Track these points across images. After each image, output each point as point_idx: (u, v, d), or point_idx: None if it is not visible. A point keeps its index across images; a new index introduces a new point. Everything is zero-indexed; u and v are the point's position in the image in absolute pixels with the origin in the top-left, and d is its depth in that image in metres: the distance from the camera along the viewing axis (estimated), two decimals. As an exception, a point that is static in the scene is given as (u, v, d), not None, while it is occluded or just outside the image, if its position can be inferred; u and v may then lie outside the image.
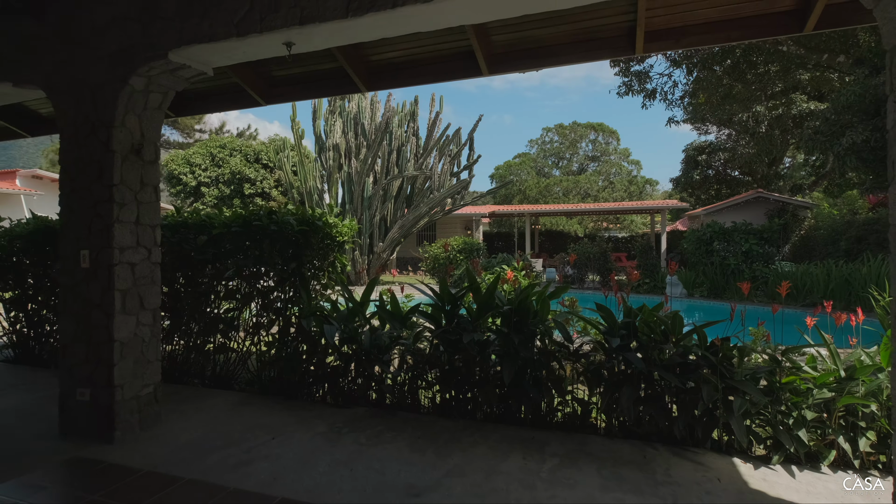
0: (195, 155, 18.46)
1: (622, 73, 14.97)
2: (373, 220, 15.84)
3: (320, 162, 17.12)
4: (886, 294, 5.50)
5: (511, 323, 3.77)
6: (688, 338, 3.45)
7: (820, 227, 16.62)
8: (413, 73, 4.05)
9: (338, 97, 16.71)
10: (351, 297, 4.46)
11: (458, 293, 3.96)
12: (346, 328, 4.28)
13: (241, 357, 4.99)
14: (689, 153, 28.00)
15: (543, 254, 26.69)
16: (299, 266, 4.66)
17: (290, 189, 16.07)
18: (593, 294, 14.55)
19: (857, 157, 9.61)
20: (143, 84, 3.44)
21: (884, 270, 9.91)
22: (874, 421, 3.09)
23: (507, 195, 38.16)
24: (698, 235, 13.19)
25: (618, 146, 42.16)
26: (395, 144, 16.43)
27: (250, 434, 3.56)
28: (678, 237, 24.36)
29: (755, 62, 14.79)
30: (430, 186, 16.19)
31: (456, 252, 16.65)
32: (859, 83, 9.28)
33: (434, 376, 4.06)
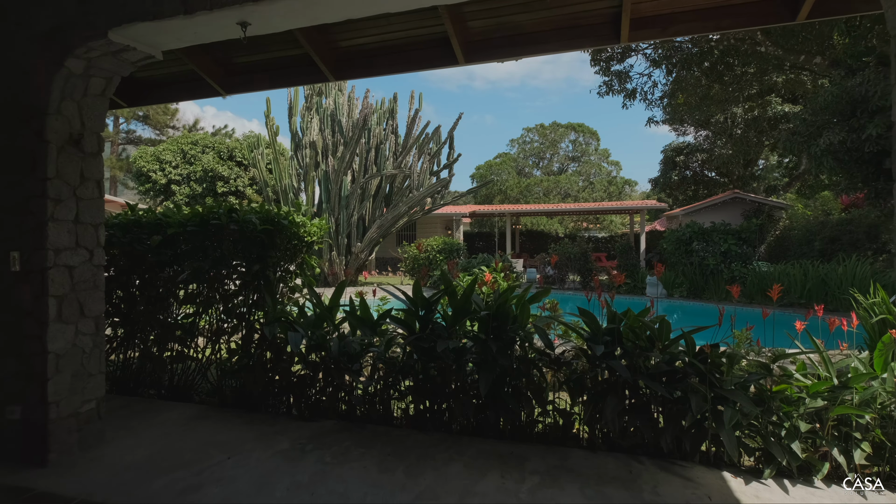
0: (165, 152, 17.80)
1: (602, 72, 14.92)
2: (350, 220, 15.48)
3: (296, 160, 16.67)
4: (870, 296, 5.44)
5: (489, 329, 3.54)
6: (675, 344, 3.26)
7: (795, 227, 16.85)
8: (385, 62, 3.78)
9: (315, 93, 16.31)
10: (319, 301, 4.17)
11: (432, 297, 3.71)
12: (313, 335, 3.99)
13: (202, 366, 4.65)
14: (668, 154, 28.27)
15: (524, 254, 26.64)
16: (263, 268, 4.35)
17: (264, 187, 15.60)
18: (574, 295, 14.45)
19: (834, 157, 9.67)
20: (82, 67, 3.10)
21: (859, 271, 10.00)
22: (868, 431, 2.94)
23: (488, 195, 38.06)
24: (678, 235, 13.19)
25: (598, 147, 42.45)
26: (373, 142, 16.08)
27: (204, 453, 3.25)
28: (656, 237, 24.54)
29: (732, 64, 14.89)
30: (410, 185, 15.90)
31: (435, 252, 16.39)
32: (836, 84, 9.34)
33: (407, 386, 3.81)
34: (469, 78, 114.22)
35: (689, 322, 10.90)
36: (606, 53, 14.58)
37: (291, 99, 16.53)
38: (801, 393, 3.01)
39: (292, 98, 16.50)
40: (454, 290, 3.66)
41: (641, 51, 14.61)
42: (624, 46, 14.35)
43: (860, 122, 9.23)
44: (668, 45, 14.35)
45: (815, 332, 5.01)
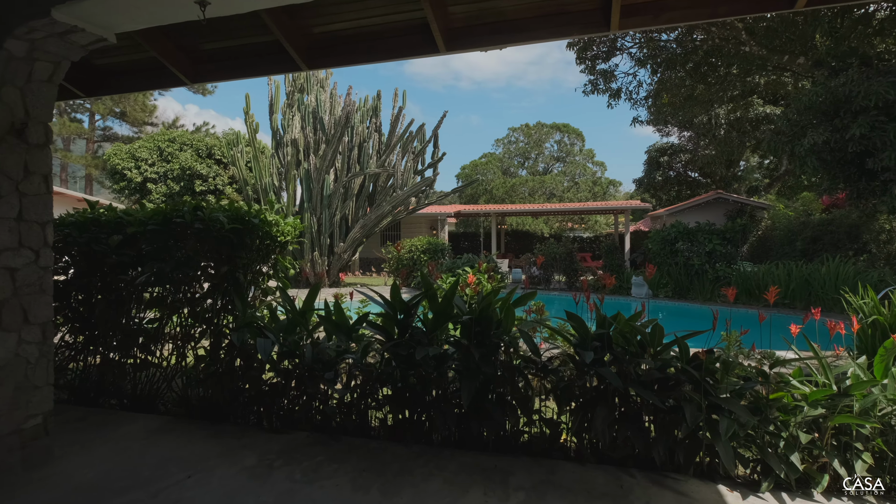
0: (141, 149, 17.26)
1: (588, 70, 14.85)
2: (333, 220, 15.18)
3: (277, 158, 16.31)
4: (858, 296, 5.37)
5: (472, 334, 3.34)
6: (667, 350, 3.10)
7: (777, 227, 16.99)
8: (361, 50, 3.55)
9: (296, 90, 15.96)
10: (292, 305, 3.92)
11: (411, 301, 3.49)
12: (285, 341, 3.75)
13: (167, 374, 4.37)
14: (652, 154, 28.42)
15: (509, 254, 26.53)
16: (233, 270, 4.09)
17: (244, 186, 15.21)
18: (560, 295, 14.34)
19: (818, 157, 9.68)
20: (25, 50, 2.82)
21: (842, 271, 10.04)
22: (869, 441, 2.80)
23: (474, 195, 37.93)
24: (663, 235, 13.15)
25: (582, 147, 42.60)
26: (356, 140, 15.80)
27: (163, 471, 2.99)
28: (641, 237, 24.63)
29: (716, 64, 14.93)
30: (394, 184, 15.64)
31: (420, 253, 16.15)
32: (820, 84, 9.35)
33: (385, 395, 3.59)
34: (455, 78, 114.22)
35: (675, 323, 10.87)
36: (592, 52, 14.51)
37: (272, 96, 16.16)
38: (800, 401, 2.87)
39: (273, 95, 16.13)
40: (435, 293, 3.45)
41: (626, 49, 14.56)
42: (609, 45, 14.29)
43: (844, 122, 9.24)
44: (653, 45, 14.33)
45: (803, 333, 4.89)
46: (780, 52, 11.82)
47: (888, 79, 8.69)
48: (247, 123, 14.63)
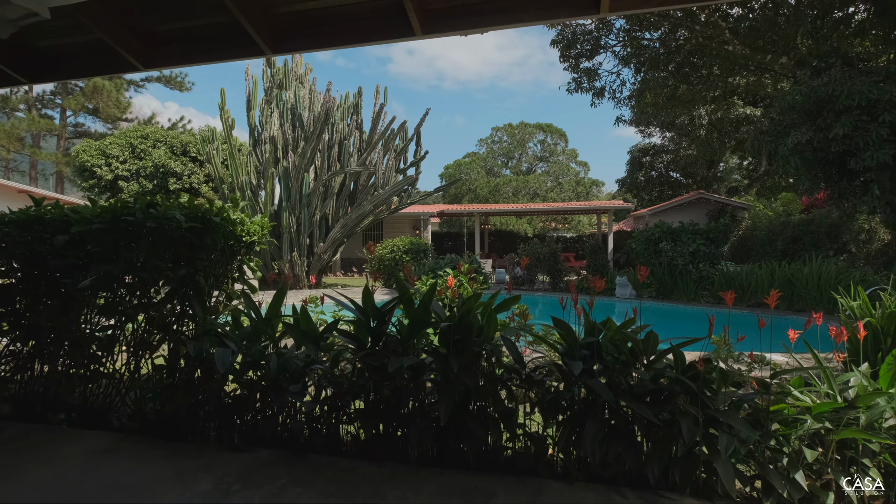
0: (112, 146, 16.61)
1: (571, 68, 14.72)
2: (313, 219, 14.79)
3: (255, 156, 15.86)
4: (849, 298, 5.26)
5: (451, 342, 3.07)
6: (661, 359, 2.88)
7: (757, 227, 17.10)
8: (331, 33, 3.26)
9: (275, 86, 15.53)
10: (256, 311, 3.62)
11: (385, 307, 3.22)
12: (249, 350, 3.44)
13: (122, 386, 4.02)
14: (634, 154, 28.55)
15: (493, 254, 26.38)
16: (192, 273, 3.77)
17: (220, 185, 14.73)
18: (544, 296, 14.18)
19: (800, 157, 9.66)
20: (-60, 23, 2.47)
21: (824, 270, 10.03)
22: (876, 456, 2.62)
23: (458, 195, 37.74)
24: (646, 235, 13.08)
25: (566, 147, 42.70)
26: (336, 138, 15.43)
27: (105, 498, 2.66)
28: (623, 237, 24.69)
29: (698, 65, 14.94)
30: (375, 183, 15.32)
31: (402, 253, 15.84)
32: (804, 83, 9.33)
33: (357, 408, 3.30)
34: (439, 78, 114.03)
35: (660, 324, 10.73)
36: (576, 50, 14.38)
37: (250, 91, 15.70)
38: (804, 415, 2.66)
39: (251, 90, 15.68)
40: (410, 297, 3.18)
41: (610, 48, 14.47)
42: (593, 43, 14.17)
43: (827, 121, 9.23)
44: (637, 44, 14.25)
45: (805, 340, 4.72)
46: (763, 52, 11.83)
47: (870, 78, 8.69)
48: (222, 119, 14.15)
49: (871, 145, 8.73)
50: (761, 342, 4.70)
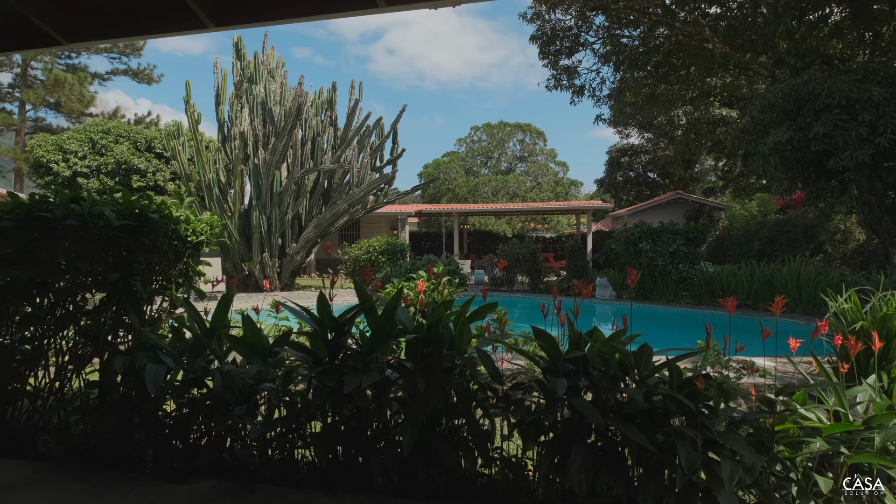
0: (70, 140, 15.72)
1: (551, 65, 14.51)
2: (284, 218, 14.24)
3: (224, 152, 15.22)
4: (840, 298, 5.07)
5: (418, 356, 2.71)
6: (655, 374, 2.56)
7: (734, 227, 17.18)
8: (282, 4, 2.86)
9: (245, 79, 14.92)
10: (200, 321, 3.20)
11: (344, 316, 2.84)
12: (191, 366, 3.02)
13: (47, 407, 3.54)
14: (613, 155, 28.62)
15: (472, 254, 26.10)
16: (126, 277, 3.32)
17: (185, 182, 14.06)
18: (523, 297, 13.92)
19: (780, 156, 9.59)
20: None
21: (803, 271, 9.99)
22: (891, 482, 2.35)
23: (436, 194, 37.38)
24: (626, 235, 12.93)
25: (544, 147, 42.74)
26: (309, 134, 14.90)
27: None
28: (602, 238, 24.69)
29: (677, 65, 14.88)
30: (350, 181, 14.84)
31: (378, 253, 15.40)
32: (785, 81, 9.25)
33: (313, 431, 2.91)
34: (419, 78, 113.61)
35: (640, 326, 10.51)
36: (555, 47, 14.16)
37: (219, 85, 15.05)
38: (812, 436, 2.38)
39: (220, 84, 15.03)
40: (372, 305, 2.80)
41: (590, 45, 14.30)
42: (573, 41, 13.96)
43: (807, 120, 9.16)
44: (616, 41, 14.11)
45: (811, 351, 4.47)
46: (743, 50, 11.79)
47: (850, 77, 8.64)
48: (188, 113, 13.49)
49: (851, 144, 8.68)
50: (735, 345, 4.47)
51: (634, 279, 2.77)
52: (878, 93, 8.24)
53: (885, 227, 9.57)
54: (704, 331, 4.63)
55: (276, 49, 15.70)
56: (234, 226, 14.29)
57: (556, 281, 14.91)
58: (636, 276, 2.78)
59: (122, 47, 27.89)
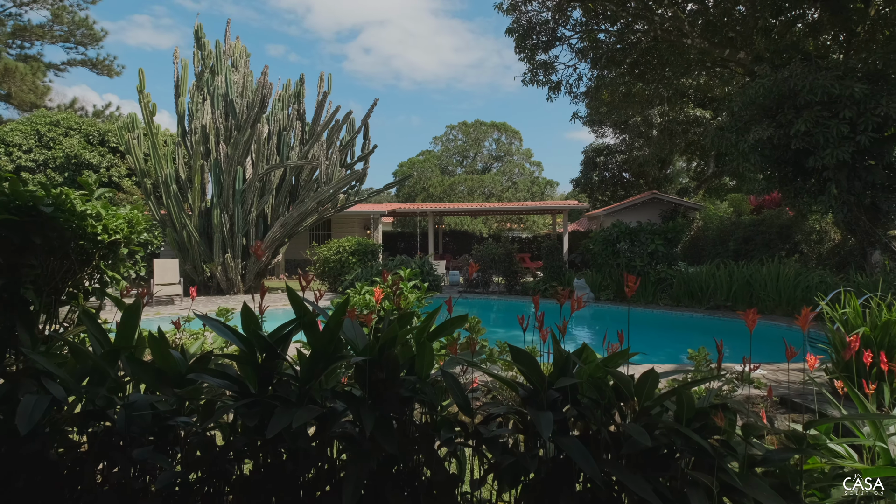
0: (13, 133, 14.56)
1: (527, 60, 14.12)
2: (248, 217, 13.48)
3: (184, 146, 14.36)
4: (822, 302, 4.74)
5: (369, 383, 2.19)
6: (660, 403, 2.10)
7: (709, 228, 17.14)
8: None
9: (207, 70, 14.08)
10: (103, 338, 2.60)
11: (278, 333, 2.29)
12: (92, 395, 2.42)
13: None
14: (589, 154, 28.55)
15: (448, 255, 25.62)
16: (13, 284, 2.70)
17: (142, 178, 13.17)
18: (499, 299, 13.49)
19: (761, 154, 9.41)
20: None
21: (782, 272, 9.81)
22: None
23: (411, 193, 36.80)
24: (604, 235, 12.62)
25: (520, 147, 42.58)
26: (275, 128, 14.16)
27: None
28: (578, 238, 24.52)
29: (654, 63, 14.70)
30: (319, 178, 14.16)
31: (348, 254, 14.74)
32: (766, 76, 9.04)
33: (239, 477, 2.36)
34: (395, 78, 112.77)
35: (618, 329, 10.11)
36: (531, 41, 13.78)
37: (178, 76, 14.18)
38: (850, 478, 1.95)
39: (179, 75, 14.16)
40: (313, 320, 2.27)
41: (567, 40, 13.96)
42: (549, 35, 13.60)
43: (787, 117, 8.97)
44: (593, 37, 13.82)
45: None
46: (722, 47, 11.61)
47: (831, 73, 8.48)
48: (141, 104, 12.60)
49: (832, 142, 8.52)
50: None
51: (633, 287, 2.30)
52: (860, 89, 8.09)
53: (862, 227, 9.47)
54: (686, 334, 4.25)
55: (240, 39, 14.91)
56: (194, 225, 13.46)
57: (532, 283, 14.53)
58: (634, 282, 2.31)
59: (80, 36, 26.42)
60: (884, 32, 9.99)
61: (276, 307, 11.48)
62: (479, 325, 4.56)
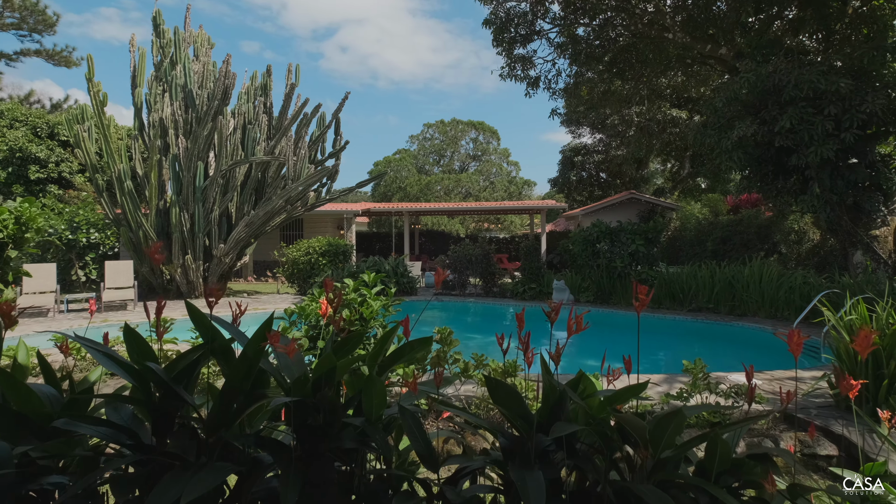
0: (-50, 124, 13.43)
1: (505, 54, 13.70)
2: (210, 216, 12.68)
3: (142, 140, 13.47)
4: (833, 309, 4.38)
5: (304, 428, 1.65)
6: (681, 454, 1.62)
7: (686, 228, 17.01)
8: None
9: (165, 59, 13.22)
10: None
11: (181, 363, 1.73)
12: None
13: None
14: (566, 154, 28.37)
15: (424, 255, 25.06)
16: None
17: (93, 174, 12.25)
18: (476, 302, 13.01)
19: (744, 151, 9.17)
20: None
21: (766, 272, 9.59)
22: None
23: (387, 193, 36.11)
24: (584, 235, 12.26)
25: (498, 146, 42.29)
26: (239, 122, 13.39)
27: None
28: (556, 238, 24.27)
29: (633, 61, 14.45)
30: (286, 175, 13.45)
31: (318, 255, 14.06)
32: (751, 71, 8.79)
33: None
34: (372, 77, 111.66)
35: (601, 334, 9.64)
36: (509, 34, 13.35)
37: (136, 65, 13.28)
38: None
39: (137, 64, 13.26)
40: (227, 345, 1.72)
41: (546, 33, 13.58)
42: (528, 28, 13.20)
43: (772, 113, 8.73)
44: (571, 33, 13.47)
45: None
46: (703, 42, 11.39)
47: (817, 68, 8.26)
48: (91, 93, 11.69)
49: (816, 140, 8.30)
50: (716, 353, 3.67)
51: (644, 299, 1.81)
52: (846, 85, 7.88)
53: (844, 227, 9.31)
54: (669, 339, 3.84)
55: (203, 28, 14.08)
56: (151, 224, 12.60)
57: (510, 284, 14.10)
58: (646, 293, 1.82)
59: (33, 23, 24.95)
60: (861, 31, 9.87)
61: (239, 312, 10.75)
62: (450, 337, 4.05)
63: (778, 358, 7.79)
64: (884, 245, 9.31)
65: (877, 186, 8.86)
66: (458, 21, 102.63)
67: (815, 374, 5.46)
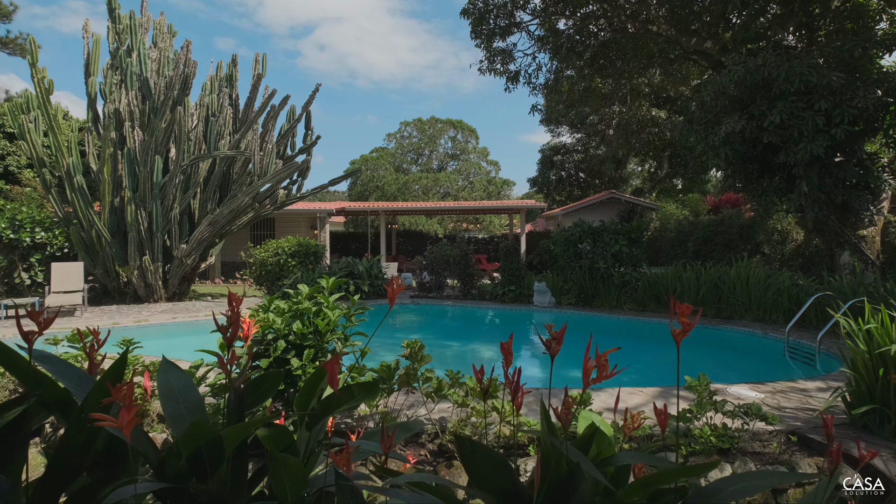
0: None
1: (484, 47, 13.21)
2: (169, 214, 11.84)
3: (96, 133, 12.56)
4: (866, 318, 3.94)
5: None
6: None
7: (667, 228, 16.78)
8: None
9: (121, 45, 12.33)
10: None
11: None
12: None
13: None
14: (546, 153, 28.09)
15: (401, 256, 24.43)
16: None
17: (39, 168, 11.31)
18: (454, 304, 12.46)
19: (731, 148, 8.85)
20: None
21: (752, 273, 9.29)
22: None
23: (364, 192, 35.33)
24: (566, 235, 11.83)
25: (476, 145, 41.87)
26: (202, 114, 12.58)
27: None
28: (535, 238, 23.92)
29: (614, 58, 14.12)
30: (253, 171, 12.68)
31: (287, 256, 13.32)
32: (740, 64, 8.46)
33: None
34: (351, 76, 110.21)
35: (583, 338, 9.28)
36: (488, 26, 12.86)
37: (90, 52, 12.35)
38: None
39: (91, 51, 12.32)
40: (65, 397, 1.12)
41: (526, 25, 13.12)
42: (508, 20, 12.72)
43: (760, 108, 8.41)
44: (552, 26, 13.05)
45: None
46: (689, 34, 11.07)
47: (808, 61, 7.98)
48: (34, 80, 10.75)
49: (806, 136, 8.01)
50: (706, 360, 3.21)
51: (687, 324, 1.29)
52: (837, 78, 7.60)
53: (831, 227, 9.07)
54: (656, 345, 3.37)
55: (165, 15, 13.20)
56: (105, 222, 11.70)
57: (490, 286, 13.60)
58: (684, 310, 1.30)
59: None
60: (846, 26, 9.67)
61: (199, 317, 10.00)
62: (422, 352, 3.49)
63: (769, 364, 7.44)
64: (871, 245, 9.10)
65: (865, 185, 8.64)
66: (437, 22, 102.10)
67: (819, 385, 5.08)
